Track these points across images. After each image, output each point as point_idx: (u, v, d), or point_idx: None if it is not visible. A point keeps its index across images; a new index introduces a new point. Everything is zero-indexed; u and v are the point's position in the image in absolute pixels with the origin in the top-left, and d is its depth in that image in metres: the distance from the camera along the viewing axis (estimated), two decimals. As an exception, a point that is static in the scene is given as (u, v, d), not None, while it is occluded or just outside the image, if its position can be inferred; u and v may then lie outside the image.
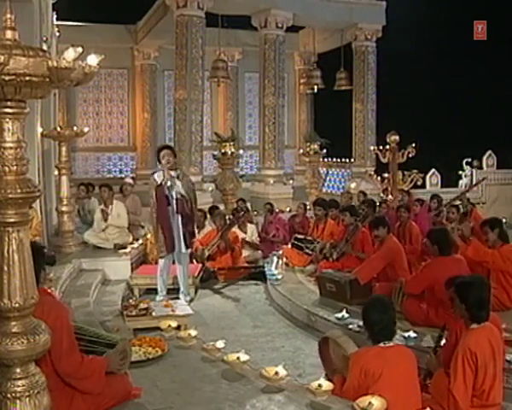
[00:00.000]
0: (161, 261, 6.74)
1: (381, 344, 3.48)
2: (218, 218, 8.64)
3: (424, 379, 3.84)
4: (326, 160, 15.45)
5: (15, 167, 2.29)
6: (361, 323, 5.25)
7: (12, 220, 2.30)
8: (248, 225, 9.39)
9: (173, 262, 6.86)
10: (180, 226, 6.60)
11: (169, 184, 6.51)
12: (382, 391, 3.26)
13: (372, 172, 12.74)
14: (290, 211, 11.54)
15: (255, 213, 11.19)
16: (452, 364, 3.51)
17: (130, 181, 10.20)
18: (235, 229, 8.81)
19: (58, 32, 11.70)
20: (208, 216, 9.22)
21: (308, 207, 10.25)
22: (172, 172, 6.58)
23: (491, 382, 3.49)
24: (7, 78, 2.06)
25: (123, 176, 15.79)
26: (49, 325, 2.51)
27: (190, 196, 6.69)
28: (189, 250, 6.92)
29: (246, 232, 9.19)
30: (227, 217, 8.89)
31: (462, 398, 3.43)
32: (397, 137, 11.08)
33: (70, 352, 2.94)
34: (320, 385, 3.43)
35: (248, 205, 10.72)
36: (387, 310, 3.59)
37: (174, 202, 6.55)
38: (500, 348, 3.64)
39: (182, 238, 6.63)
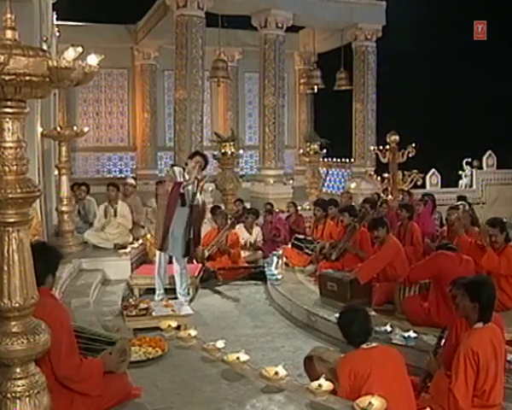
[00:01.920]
0: (157, 259, 6.73)
1: (364, 346, 3.50)
2: (219, 217, 8.65)
3: (424, 380, 3.84)
4: (326, 160, 15.44)
5: (15, 167, 2.29)
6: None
7: (12, 220, 2.30)
8: (254, 226, 9.40)
9: (170, 262, 6.84)
10: (183, 232, 6.55)
11: (190, 188, 6.48)
12: (374, 390, 3.26)
13: (372, 172, 12.74)
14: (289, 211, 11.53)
15: (255, 213, 11.18)
16: (454, 364, 3.50)
17: (132, 181, 10.20)
18: (241, 229, 8.87)
19: (58, 32, 11.69)
20: (209, 216, 9.22)
21: (308, 208, 10.28)
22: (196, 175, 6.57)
23: (493, 382, 3.49)
24: (7, 77, 2.06)
25: (123, 176, 15.79)
26: (49, 326, 2.51)
27: (201, 208, 6.71)
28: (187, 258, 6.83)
29: (251, 234, 9.21)
30: (229, 217, 8.92)
31: (462, 398, 3.43)
32: (397, 137, 11.10)
33: (69, 355, 2.93)
34: (320, 385, 3.43)
35: (247, 205, 10.72)
36: (358, 311, 3.74)
37: (189, 206, 6.53)
38: (502, 348, 3.64)
39: (184, 244, 6.57)
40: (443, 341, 3.98)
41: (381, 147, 11.54)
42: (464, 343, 3.52)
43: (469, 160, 14.02)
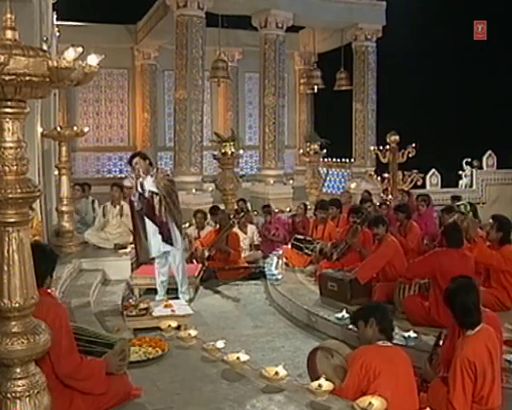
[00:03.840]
0: (156, 263, 6.70)
1: (380, 343, 3.52)
2: (220, 217, 8.65)
3: (421, 384, 3.84)
4: (326, 160, 15.44)
5: (15, 167, 2.29)
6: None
7: (12, 220, 2.30)
8: (249, 225, 9.39)
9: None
10: (152, 226, 6.39)
11: (139, 187, 6.35)
12: (382, 389, 3.27)
13: (372, 172, 12.74)
14: (290, 211, 11.54)
15: (255, 213, 11.19)
16: (451, 373, 3.49)
17: (129, 183, 10.18)
18: (235, 230, 8.85)
19: (58, 32, 11.70)
20: (209, 216, 9.22)
21: (309, 208, 10.27)
22: (143, 175, 6.37)
23: (490, 386, 3.47)
24: (7, 78, 2.06)
25: (123, 176, 15.78)
26: (48, 325, 2.51)
27: (163, 192, 6.33)
28: (177, 247, 6.56)
29: (246, 233, 9.20)
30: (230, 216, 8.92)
31: (461, 408, 3.42)
32: (397, 137, 11.11)
33: (69, 353, 2.93)
34: (320, 385, 3.43)
35: (248, 205, 10.72)
36: (383, 309, 3.80)
37: (140, 202, 6.38)
38: (497, 350, 3.61)
39: (159, 238, 6.40)
40: (440, 342, 3.98)
41: (381, 147, 11.55)
42: (459, 353, 3.48)
43: (469, 160, 14.01)
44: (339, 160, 15.56)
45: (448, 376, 3.54)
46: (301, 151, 14.87)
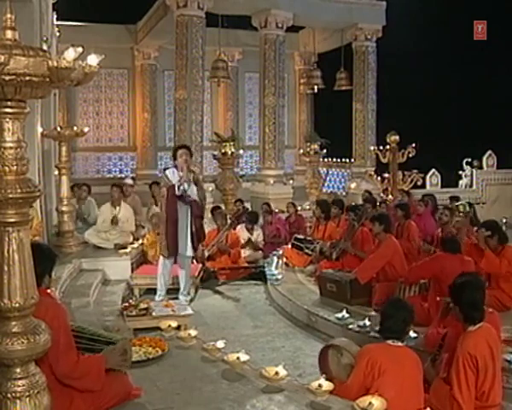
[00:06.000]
0: (161, 260, 6.71)
1: (390, 342, 3.53)
2: (219, 217, 8.66)
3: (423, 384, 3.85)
4: (326, 160, 15.45)
5: (15, 167, 2.28)
6: (361, 323, 5.29)
7: (12, 220, 2.30)
8: (255, 227, 9.39)
9: (175, 262, 6.81)
10: (189, 229, 6.49)
11: (186, 186, 6.36)
12: (386, 387, 3.28)
13: (372, 172, 12.73)
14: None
15: (255, 213, 11.18)
16: (453, 369, 3.50)
17: (131, 181, 10.20)
18: (242, 229, 8.90)
19: (58, 32, 11.70)
20: (209, 216, 9.23)
21: (308, 208, 10.30)
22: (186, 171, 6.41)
23: (491, 383, 3.49)
24: (7, 78, 2.06)
25: (123, 176, 15.80)
26: (47, 324, 2.51)
27: (203, 202, 6.60)
28: (193, 253, 6.76)
29: (253, 234, 9.20)
30: (228, 217, 8.93)
31: (466, 402, 3.42)
32: (397, 137, 11.11)
33: (66, 352, 2.93)
34: (320, 385, 3.43)
35: (248, 205, 10.72)
36: (403, 310, 3.70)
37: (188, 204, 6.43)
38: (498, 348, 3.63)
39: (189, 241, 6.52)
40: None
41: (381, 147, 11.55)
42: (461, 348, 3.50)
43: (469, 160, 14.01)
44: (339, 160, 15.56)
45: (450, 374, 3.54)
46: (301, 151, 14.87)
